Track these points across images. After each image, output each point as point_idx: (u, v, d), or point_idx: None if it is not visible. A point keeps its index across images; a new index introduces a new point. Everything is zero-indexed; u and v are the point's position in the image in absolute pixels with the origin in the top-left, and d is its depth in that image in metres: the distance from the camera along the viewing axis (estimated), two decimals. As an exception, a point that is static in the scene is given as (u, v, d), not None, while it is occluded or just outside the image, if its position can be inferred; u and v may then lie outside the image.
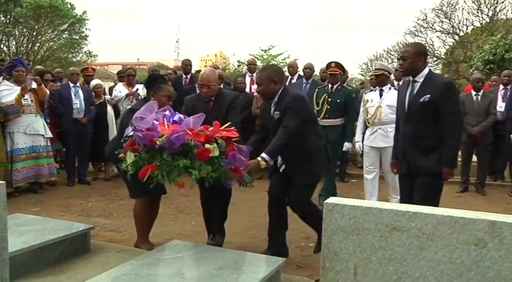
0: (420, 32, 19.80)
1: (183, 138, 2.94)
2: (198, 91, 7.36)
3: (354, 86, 11.14)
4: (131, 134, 3.25)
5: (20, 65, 6.03)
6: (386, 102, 5.17)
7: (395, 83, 7.77)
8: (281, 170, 3.67)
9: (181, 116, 3.36)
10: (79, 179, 6.94)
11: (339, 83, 5.93)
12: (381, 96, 5.25)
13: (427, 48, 19.49)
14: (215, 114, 3.76)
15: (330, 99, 5.79)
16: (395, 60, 23.82)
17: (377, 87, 5.38)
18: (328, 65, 6.00)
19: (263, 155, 3.34)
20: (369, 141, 5.33)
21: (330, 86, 5.90)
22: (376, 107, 5.23)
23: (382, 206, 1.99)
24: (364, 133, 5.41)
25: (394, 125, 5.12)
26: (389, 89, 5.28)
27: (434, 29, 19.70)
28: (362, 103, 5.51)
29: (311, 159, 3.53)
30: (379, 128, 5.21)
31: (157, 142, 2.96)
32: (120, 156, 3.22)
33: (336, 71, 5.85)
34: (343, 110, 5.81)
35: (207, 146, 3.00)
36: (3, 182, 2.25)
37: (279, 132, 3.41)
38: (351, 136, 5.81)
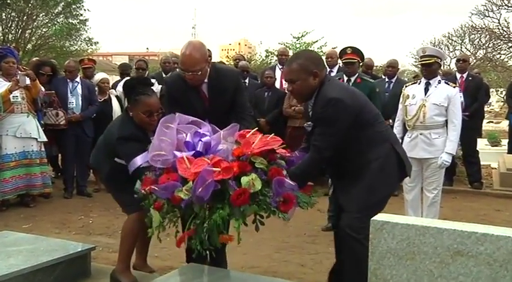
0: (492, 11, 19.35)
1: (212, 185, 2.71)
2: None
3: (407, 79, 10.98)
4: (145, 165, 3.15)
5: (10, 55, 6.17)
6: (433, 100, 4.84)
7: (458, 76, 7.71)
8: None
9: (208, 138, 3.08)
10: (78, 191, 7.07)
11: (357, 74, 5.60)
12: (426, 92, 4.93)
13: (501, 31, 18.97)
14: (212, 103, 3.47)
15: None
16: (458, 47, 23.45)
17: (422, 79, 5.06)
18: (343, 52, 5.66)
19: None
20: (407, 150, 4.94)
21: (345, 78, 5.56)
22: (418, 106, 4.90)
23: (442, 225, 1.96)
24: (402, 138, 5.07)
25: (440, 131, 4.88)
26: (439, 82, 4.95)
27: (512, 6, 19.20)
28: (401, 99, 5.20)
29: (365, 174, 3.09)
30: (421, 134, 4.90)
31: (182, 196, 2.77)
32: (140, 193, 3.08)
33: (353, 59, 5.52)
34: None
35: (243, 180, 2.75)
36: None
37: (310, 151, 3.14)
38: None
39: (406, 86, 5.26)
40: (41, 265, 3.40)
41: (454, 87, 5.02)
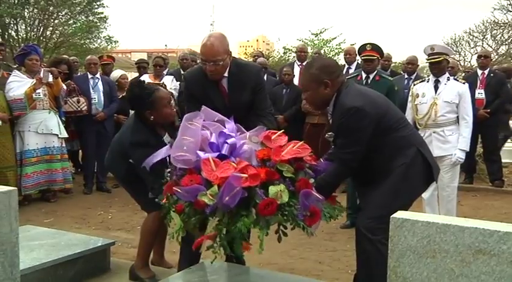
0: (516, 6, 19.01)
1: (240, 193, 2.62)
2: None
3: (426, 76, 10.84)
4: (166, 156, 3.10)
5: (34, 52, 6.27)
6: (444, 98, 4.84)
7: (479, 72, 7.60)
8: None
9: (234, 140, 2.93)
10: (97, 186, 7.16)
11: (376, 72, 5.56)
12: (436, 90, 4.91)
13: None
14: (232, 99, 3.39)
15: None
16: (479, 43, 23.10)
17: (431, 77, 5.04)
18: (362, 48, 5.59)
19: None
20: None
21: (364, 75, 5.53)
22: (430, 104, 4.89)
23: (463, 223, 1.93)
24: None
25: (453, 127, 4.87)
26: (448, 79, 4.94)
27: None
28: (410, 98, 5.18)
29: (388, 180, 2.97)
30: (434, 132, 4.88)
31: (206, 201, 2.67)
32: (162, 201, 3.01)
33: (372, 56, 5.47)
34: None
35: (271, 191, 2.66)
36: (15, 188, 2.35)
37: (334, 161, 3.05)
38: None
39: (414, 85, 5.22)
40: (62, 259, 3.47)
41: (464, 83, 5.01)
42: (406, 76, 7.43)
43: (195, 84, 3.41)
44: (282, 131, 3.05)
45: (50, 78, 6.18)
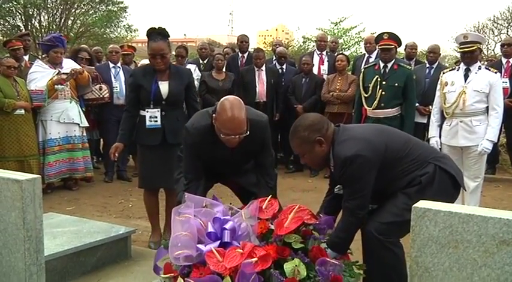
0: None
1: (257, 280, 2.51)
2: (255, 71, 7.48)
3: (448, 65, 10.70)
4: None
5: (61, 45, 6.32)
6: (474, 87, 4.70)
7: (504, 60, 7.46)
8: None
9: (232, 224, 2.74)
10: (118, 175, 7.22)
11: (393, 61, 5.54)
12: (466, 79, 4.78)
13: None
14: (238, 154, 3.23)
15: (384, 83, 5.48)
16: (504, 31, 22.67)
17: (461, 65, 4.91)
18: (380, 37, 5.57)
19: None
20: (447, 138, 4.89)
21: (381, 64, 5.54)
22: (458, 93, 4.75)
23: (487, 213, 1.91)
24: (441, 126, 4.99)
25: (481, 117, 4.75)
26: (479, 68, 4.80)
27: None
28: (439, 86, 5.06)
29: (402, 196, 2.87)
30: (461, 121, 4.77)
31: None
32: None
33: (390, 45, 5.45)
34: (403, 96, 5.50)
35: (287, 269, 2.54)
36: (39, 176, 2.39)
37: (343, 214, 2.91)
38: (412, 130, 5.36)
39: (443, 73, 5.10)
40: (84, 246, 3.53)
41: (495, 72, 4.88)
42: (427, 65, 7.33)
43: (203, 142, 3.19)
44: (271, 196, 2.94)
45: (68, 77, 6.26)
